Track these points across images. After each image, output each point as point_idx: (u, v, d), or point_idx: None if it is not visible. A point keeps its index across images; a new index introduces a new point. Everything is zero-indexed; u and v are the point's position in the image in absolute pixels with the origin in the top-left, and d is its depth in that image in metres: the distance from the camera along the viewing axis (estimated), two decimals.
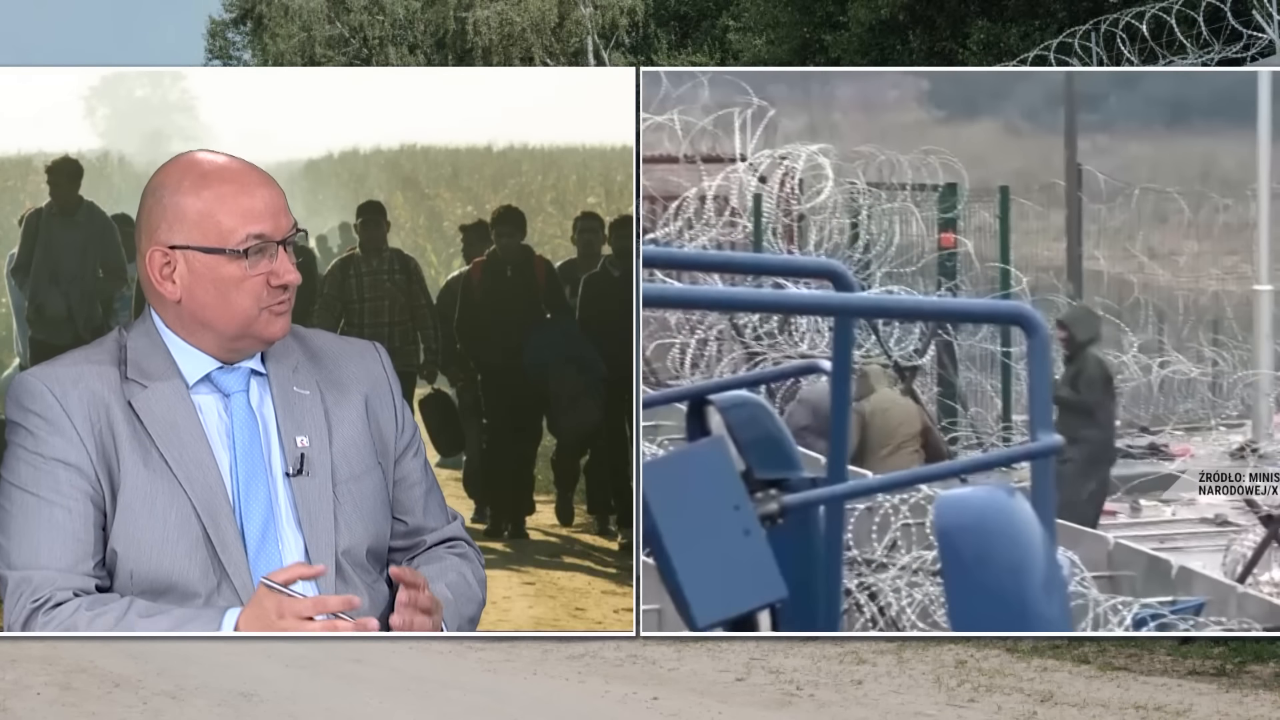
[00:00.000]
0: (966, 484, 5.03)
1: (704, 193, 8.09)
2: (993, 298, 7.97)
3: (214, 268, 3.53)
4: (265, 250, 3.54)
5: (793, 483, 4.14)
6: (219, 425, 3.59)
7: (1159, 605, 6.43)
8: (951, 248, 8.10)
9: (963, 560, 3.74)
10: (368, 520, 3.69)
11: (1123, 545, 7.06)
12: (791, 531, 4.02)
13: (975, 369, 8.17)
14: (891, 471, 7.27)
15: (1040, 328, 3.85)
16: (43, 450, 3.50)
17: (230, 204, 3.53)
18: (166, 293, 3.55)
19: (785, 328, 7.89)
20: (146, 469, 3.51)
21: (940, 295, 8.02)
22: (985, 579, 3.73)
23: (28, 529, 3.49)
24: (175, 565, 3.51)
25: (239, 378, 3.63)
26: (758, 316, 7.84)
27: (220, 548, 3.52)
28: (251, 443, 3.60)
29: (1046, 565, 3.77)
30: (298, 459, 3.61)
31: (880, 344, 7.70)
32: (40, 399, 3.52)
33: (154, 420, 3.53)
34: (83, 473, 3.50)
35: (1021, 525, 3.76)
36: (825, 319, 7.21)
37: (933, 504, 4.92)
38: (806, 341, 7.85)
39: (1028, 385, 3.88)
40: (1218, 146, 8.37)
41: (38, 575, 3.47)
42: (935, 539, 3.89)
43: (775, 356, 7.85)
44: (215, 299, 3.54)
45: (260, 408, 3.64)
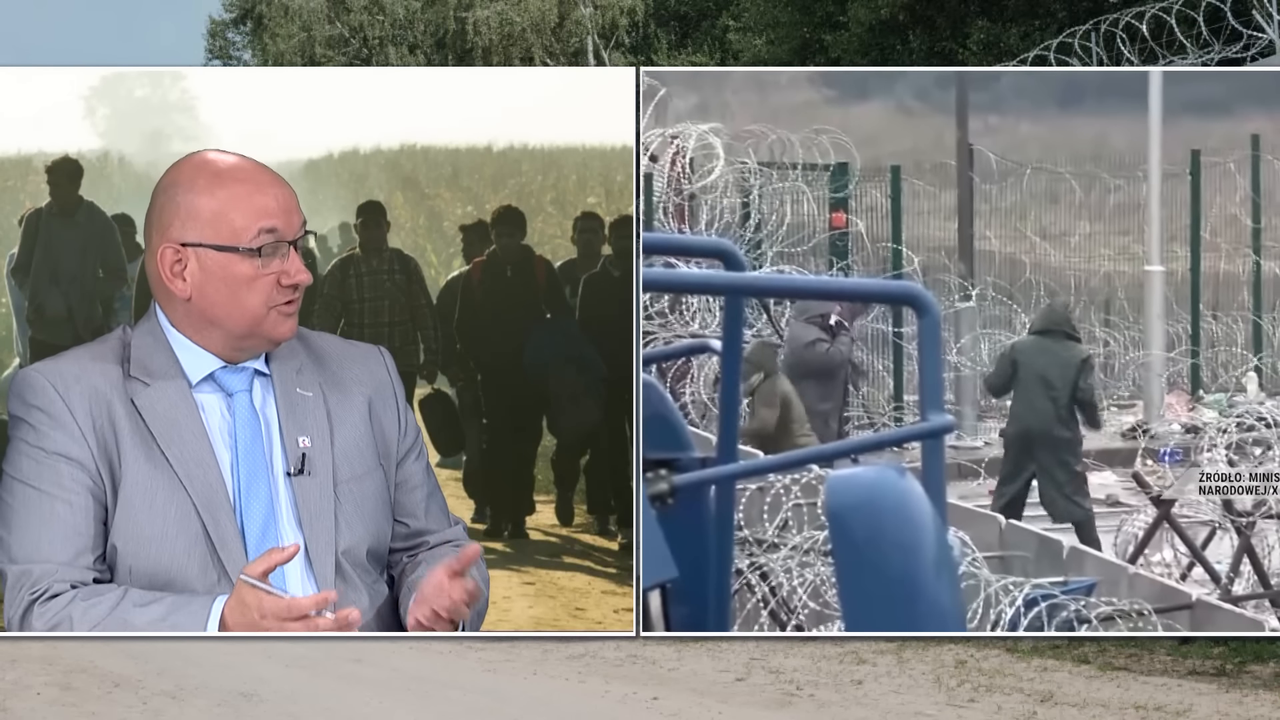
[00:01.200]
0: (858, 464, 5.07)
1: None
2: (884, 278, 7.99)
3: (226, 266, 3.53)
4: (277, 249, 3.55)
5: (683, 463, 4.19)
6: (221, 424, 3.60)
7: (1050, 586, 6.43)
8: (843, 228, 8.12)
9: (853, 539, 3.79)
10: (368, 520, 3.70)
11: (1015, 526, 7.09)
12: (682, 511, 4.14)
13: (867, 349, 8.23)
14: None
15: (931, 308, 3.92)
16: (45, 445, 3.51)
17: (244, 203, 3.54)
18: (177, 290, 3.56)
19: (676, 307, 7.91)
20: (148, 464, 3.52)
21: (832, 275, 8.05)
22: (875, 558, 3.77)
23: (29, 523, 3.50)
24: (174, 561, 3.52)
25: (243, 377, 3.64)
26: (648, 296, 7.84)
27: (219, 544, 3.53)
28: (253, 442, 3.60)
29: (937, 545, 3.82)
30: (299, 459, 3.62)
31: (772, 324, 7.71)
32: (43, 394, 3.53)
33: (156, 418, 3.54)
34: (84, 467, 3.51)
35: (912, 505, 3.80)
36: (717, 299, 7.18)
37: (824, 483, 4.92)
38: (697, 321, 7.88)
39: (918, 365, 3.93)
40: (1109, 127, 8.39)
41: (38, 568, 3.48)
42: (826, 518, 3.94)
43: (665, 336, 7.90)
44: (226, 297, 3.55)
45: (263, 407, 3.65)
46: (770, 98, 8.27)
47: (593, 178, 8.51)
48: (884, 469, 3.86)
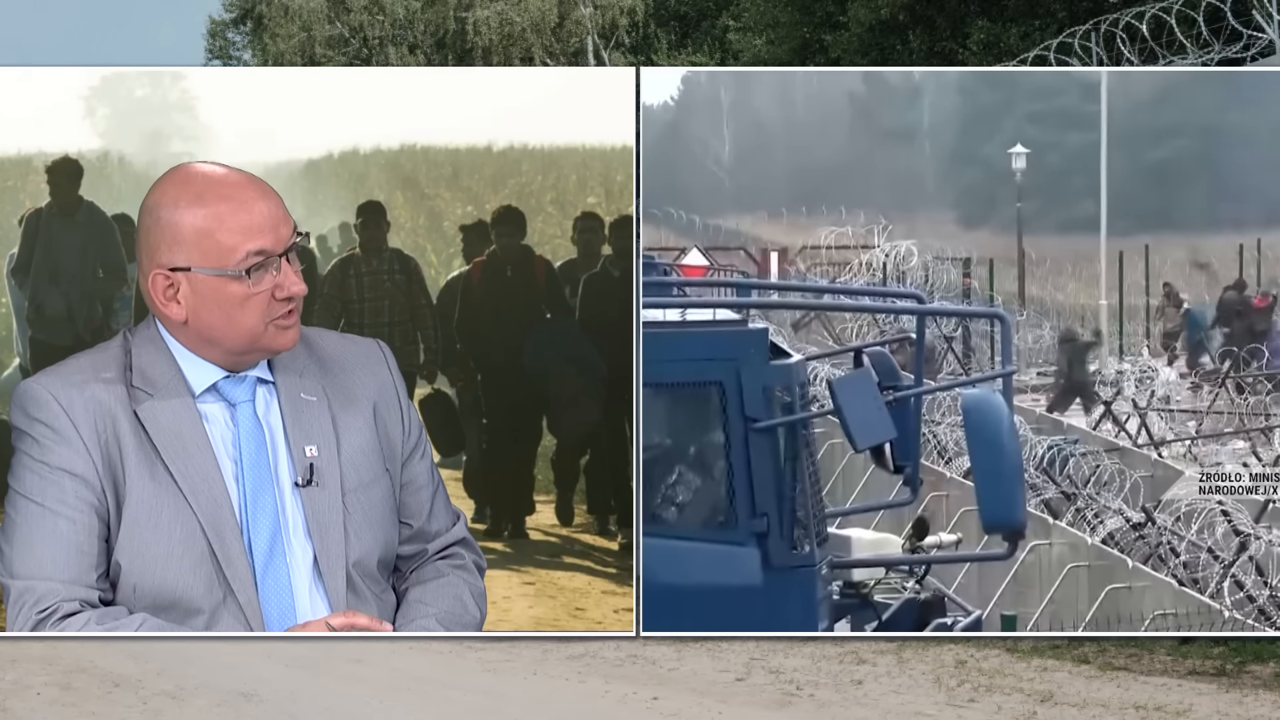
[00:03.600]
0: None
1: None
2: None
3: (217, 288, 3.49)
4: (268, 265, 3.49)
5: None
6: (225, 435, 3.56)
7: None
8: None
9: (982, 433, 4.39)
10: (377, 530, 3.66)
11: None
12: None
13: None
14: None
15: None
16: (49, 459, 3.48)
17: (229, 222, 3.47)
18: (172, 314, 3.52)
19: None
20: (152, 481, 3.48)
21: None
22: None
23: (32, 538, 3.47)
24: (180, 580, 3.48)
25: (246, 387, 3.60)
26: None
27: (225, 563, 3.49)
28: (258, 453, 3.57)
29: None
30: (307, 469, 3.58)
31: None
32: (46, 408, 3.49)
33: (159, 430, 3.50)
34: (88, 483, 3.47)
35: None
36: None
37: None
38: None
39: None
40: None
41: (41, 585, 3.45)
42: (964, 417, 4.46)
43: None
44: (221, 319, 3.51)
45: (267, 416, 3.61)
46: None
47: (593, 178, 8.50)
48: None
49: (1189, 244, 5.66)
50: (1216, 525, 5.67)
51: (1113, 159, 5.72)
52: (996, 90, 5.74)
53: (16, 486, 3.51)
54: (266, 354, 3.59)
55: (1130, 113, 5.79)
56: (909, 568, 5.03)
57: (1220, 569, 5.72)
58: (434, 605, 3.74)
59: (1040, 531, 6.14)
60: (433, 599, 3.75)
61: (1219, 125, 5.83)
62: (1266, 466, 5.48)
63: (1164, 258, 5.67)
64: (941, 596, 5.06)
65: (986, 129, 5.85)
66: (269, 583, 3.52)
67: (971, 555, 5.12)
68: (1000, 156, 5.57)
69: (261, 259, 3.48)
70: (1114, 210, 5.71)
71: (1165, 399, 5.70)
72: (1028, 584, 5.86)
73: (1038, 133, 5.68)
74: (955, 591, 5.35)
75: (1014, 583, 5.81)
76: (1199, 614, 5.79)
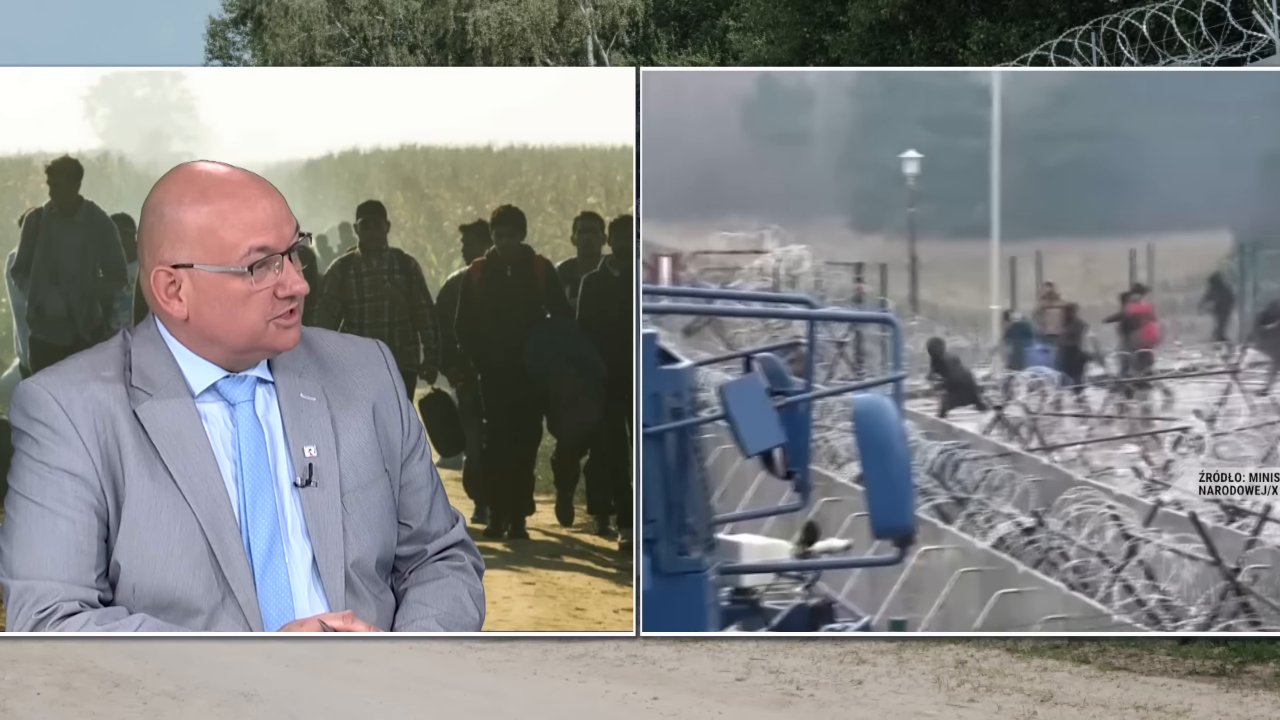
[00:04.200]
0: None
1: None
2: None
3: (219, 285, 3.49)
4: (270, 263, 3.50)
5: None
6: (224, 435, 3.56)
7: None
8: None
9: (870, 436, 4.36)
10: (375, 530, 3.66)
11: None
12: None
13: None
14: None
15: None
16: (48, 459, 3.48)
17: (232, 219, 3.48)
18: (173, 312, 3.52)
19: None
20: (151, 481, 3.49)
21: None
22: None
23: (31, 538, 3.47)
24: (179, 580, 3.49)
25: (245, 387, 3.60)
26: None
27: (224, 563, 3.49)
28: (257, 453, 3.57)
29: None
30: (306, 469, 3.58)
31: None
32: (46, 408, 3.49)
33: (159, 430, 3.51)
34: (87, 483, 3.48)
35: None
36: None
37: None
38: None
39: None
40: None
41: (40, 585, 3.45)
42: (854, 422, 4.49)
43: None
44: (222, 316, 3.51)
45: (266, 416, 3.61)
46: None
47: (593, 178, 8.50)
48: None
49: (1082, 249, 5.66)
50: (1107, 529, 5.67)
51: (1006, 163, 5.71)
52: (890, 93, 5.74)
53: (16, 486, 3.51)
54: (267, 353, 3.59)
55: (1024, 116, 5.76)
56: (798, 573, 5.03)
57: (1110, 573, 5.71)
58: (433, 606, 3.74)
59: (931, 536, 6.09)
60: (432, 600, 3.75)
61: (1112, 129, 5.79)
62: (1156, 471, 5.47)
63: (1057, 263, 5.66)
64: (831, 602, 5.07)
65: (879, 133, 5.83)
66: (268, 583, 3.52)
67: (861, 560, 5.13)
68: (893, 161, 5.55)
69: (264, 256, 3.49)
70: (1007, 215, 5.71)
71: (1056, 404, 5.72)
72: (918, 589, 5.79)
73: (931, 137, 5.66)
74: (846, 597, 5.43)
75: (904, 588, 5.72)
76: (1089, 618, 5.71)
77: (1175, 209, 5.57)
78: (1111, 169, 5.66)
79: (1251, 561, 5.33)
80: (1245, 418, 5.40)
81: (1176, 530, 5.47)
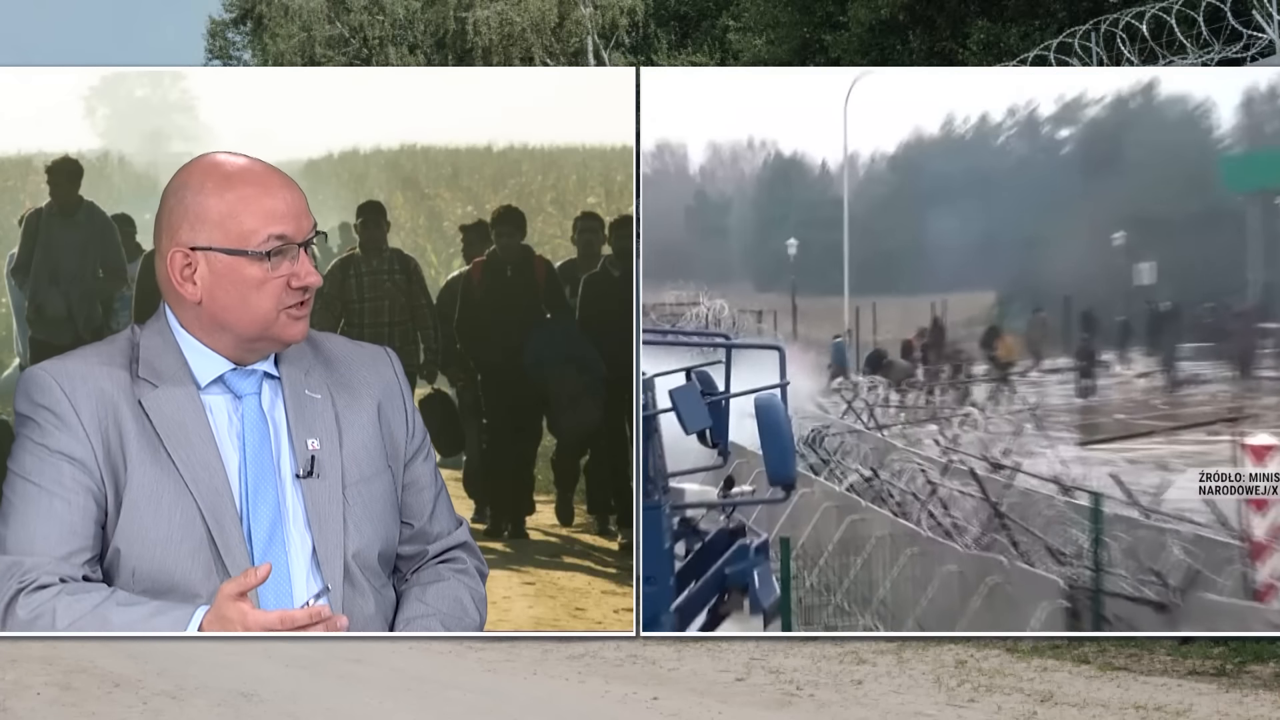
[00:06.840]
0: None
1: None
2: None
3: (235, 269, 3.53)
4: (286, 252, 3.54)
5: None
6: (229, 427, 3.59)
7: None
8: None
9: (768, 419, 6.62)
10: (377, 523, 3.69)
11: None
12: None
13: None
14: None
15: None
16: (49, 443, 3.51)
17: (253, 205, 3.53)
18: (187, 294, 3.55)
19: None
20: (154, 466, 3.52)
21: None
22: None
23: (26, 517, 3.51)
24: (178, 565, 3.51)
25: (252, 380, 3.62)
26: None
27: (223, 549, 3.52)
28: (261, 445, 3.59)
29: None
30: (308, 461, 3.61)
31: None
32: (49, 393, 3.53)
33: (163, 420, 3.53)
34: (86, 469, 3.51)
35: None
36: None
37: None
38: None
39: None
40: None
41: (29, 560, 3.48)
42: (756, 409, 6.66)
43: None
44: (236, 300, 3.54)
45: (271, 410, 3.63)
46: None
47: (593, 178, 8.50)
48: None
49: (901, 302, 8.68)
50: (917, 478, 8.29)
51: (853, 247, 8.56)
52: (780, 200, 8.66)
53: (15, 468, 3.55)
54: (275, 344, 3.61)
55: (867, 215, 8.54)
56: (722, 507, 7.03)
57: (919, 505, 8.17)
58: (433, 607, 3.76)
59: (805, 484, 8.26)
60: (433, 601, 3.77)
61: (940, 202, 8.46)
62: (946, 443, 8.27)
63: (887, 313, 8.73)
64: (742, 524, 7.02)
65: (773, 230, 8.74)
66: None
67: (761, 499, 7.02)
68: (781, 247, 8.60)
69: (281, 244, 3.54)
70: (854, 281, 8.63)
71: (885, 399, 8.67)
72: (798, 519, 8.05)
73: (806, 231, 8.63)
74: (752, 523, 7.29)
75: (789, 518, 7.89)
76: (905, 535, 7.91)
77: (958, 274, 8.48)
78: (925, 240, 8.39)
79: (1007, 498, 7.91)
80: (1005, 409, 8.39)
81: (961, 479, 8.10)
